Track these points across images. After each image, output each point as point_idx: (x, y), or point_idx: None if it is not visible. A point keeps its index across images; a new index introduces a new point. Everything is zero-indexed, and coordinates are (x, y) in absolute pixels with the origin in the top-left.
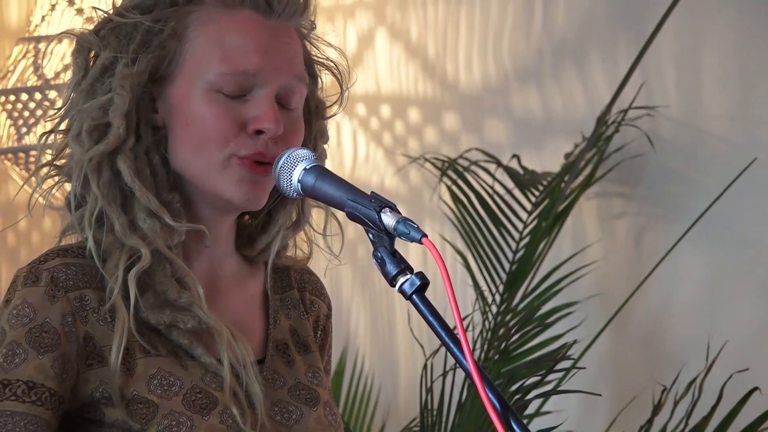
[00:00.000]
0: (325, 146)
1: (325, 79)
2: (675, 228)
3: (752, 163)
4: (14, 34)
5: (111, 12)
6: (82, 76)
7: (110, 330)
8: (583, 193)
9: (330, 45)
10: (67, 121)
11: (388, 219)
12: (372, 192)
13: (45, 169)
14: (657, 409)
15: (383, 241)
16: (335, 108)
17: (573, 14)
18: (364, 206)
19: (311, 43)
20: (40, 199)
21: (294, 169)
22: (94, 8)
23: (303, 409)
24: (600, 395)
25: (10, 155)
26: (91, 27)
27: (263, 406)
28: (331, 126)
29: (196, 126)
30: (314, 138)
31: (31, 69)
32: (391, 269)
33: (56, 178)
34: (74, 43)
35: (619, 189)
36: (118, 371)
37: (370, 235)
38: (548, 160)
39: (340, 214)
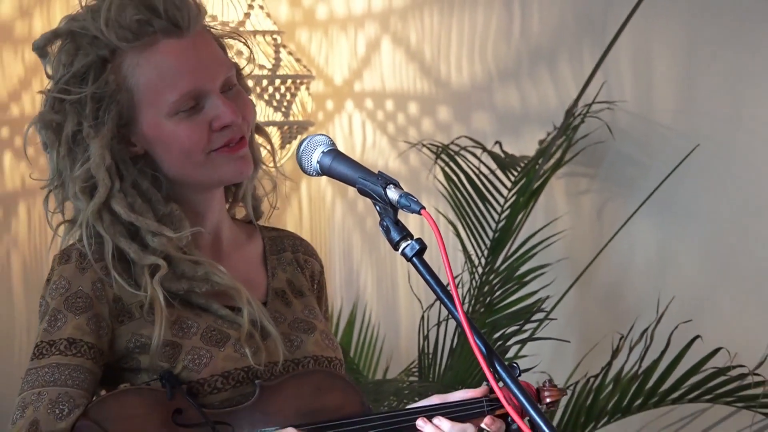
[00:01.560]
0: (251, 97)
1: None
2: (630, 203)
3: (695, 149)
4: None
5: (56, 91)
6: (58, 146)
7: (135, 289)
8: (554, 173)
9: (224, 24)
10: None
11: (392, 193)
12: (379, 171)
13: (62, 227)
14: (615, 353)
15: (388, 212)
16: (248, 66)
17: (545, 24)
18: (372, 183)
19: (211, 29)
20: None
21: (314, 152)
22: (40, 92)
23: (302, 336)
24: (568, 342)
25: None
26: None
27: (279, 339)
28: (343, 117)
29: (175, 144)
30: (246, 91)
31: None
32: (395, 236)
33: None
34: (39, 122)
35: (584, 170)
36: (156, 345)
37: (377, 207)
38: (525, 146)
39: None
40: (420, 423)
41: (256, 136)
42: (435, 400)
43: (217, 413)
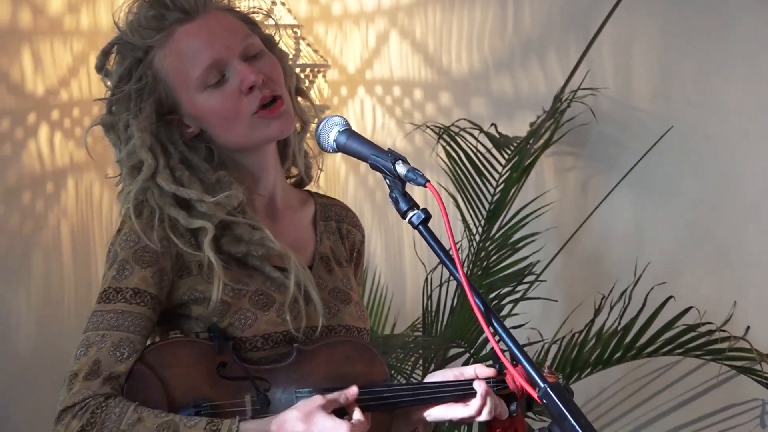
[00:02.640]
0: (288, 64)
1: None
2: (611, 178)
3: (669, 130)
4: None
5: (109, 93)
6: (119, 144)
7: (194, 251)
8: (543, 152)
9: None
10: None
11: (400, 168)
12: (388, 148)
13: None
14: (597, 312)
15: (397, 185)
16: (277, 37)
17: (535, 19)
18: (383, 159)
19: (233, 9)
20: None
21: (331, 131)
22: (96, 100)
23: (339, 306)
24: (556, 301)
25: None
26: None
27: (320, 307)
28: (356, 102)
29: (214, 116)
30: (282, 57)
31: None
32: (403, 206)
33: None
34: (101, 125)
35: (569, 149)
36: (215, 303)
37: (387, 181)
38: (517, 128)
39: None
40: (478, 383)
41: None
42: (449, 375)
43: (257, 370)
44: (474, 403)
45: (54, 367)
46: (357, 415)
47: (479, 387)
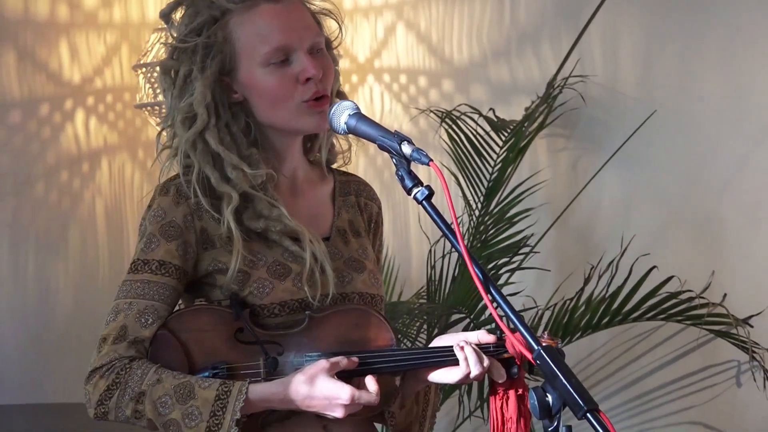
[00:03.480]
0: (337, 68)
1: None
2: (599, 158)
3: (652, 114)
4: (152, 25)
5: (176, 42)
6: (172, 87)
7: (217, 224)
8: (537, 134)
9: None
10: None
11: (406, 148)
12: (395, 130)
13: (165, 151)
14: (587, 281)
15: (403, 164)
16: (338, 41)
17: (530, 12)
18: (389, 140)
19: (310, 5)
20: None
21: (342, 114)
22: (162, 43)
23: (353, 274)
24: (549, 270)
25: (148, 108)
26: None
27: (333, 278)
28: (365, 89)
29: (267, 93)
30: (335, 62)
31: (162, 49)
32: (409, 183)
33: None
34: (160, 69)
35: (561, 131)
36: (233, 273)
37: (394, 160)
38: (514, 112)
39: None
40: (456, 349)
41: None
42: (453, 340)
43: (272, 335)
44: (461, 367)
45: (89, 330)
46: (372, 386)
47: (459, 353)
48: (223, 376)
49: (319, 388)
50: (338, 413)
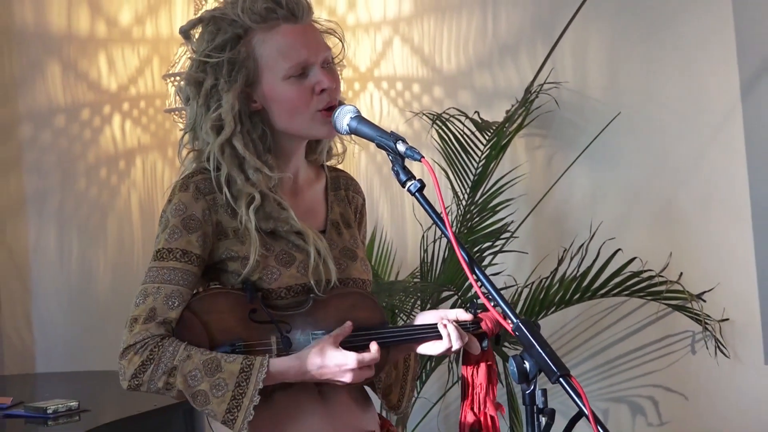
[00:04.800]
0: (342, 81)
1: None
2: (571, 154)
3: (617, 115)
4: (179, 39)
5: (202, 56)
6: (197, 98)
7: (230, 218)
8: (516, 133)
9: (329, 21)
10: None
11: (401, 146)
12: (391, 131)
13: (191, 154)
14: (560, 262)
15: (398, 160)
16: (341, 56)
17: (510, 27)
18: (386, 139)
19: (318, 23)
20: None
21: (344, 117)
22: (189, 58)
23: (348, 262)
24: (527, 253)
25: (176, 112)
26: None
27: (333, 267)
28: (366, 95)
29: (286, 103)
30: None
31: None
32: (403, 177)
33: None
34: (185, 80)
35: (538, 131)
36: (252, 264)
37: (390, 157)
38: (496, 114)
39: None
40: (440, 326)
41: None
42: (435, 317)
43: (281, 315)
44: (444, 342)
45: (125, 306)
46: (373, 347)
47: (443, 330)
48: (240, 352)
49: (329, 358)
50: (347, 378)
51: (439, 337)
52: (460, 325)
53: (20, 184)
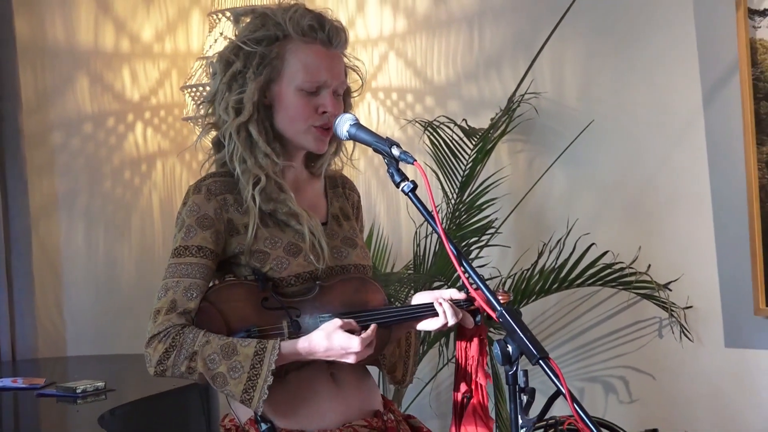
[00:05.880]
0: (352, 111)
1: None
2: (549, 158)
3: (591, 123)
4: (195, 55)
5: (239, 42)
6: (223, 75)
7: (241, 215)
8: (500, 139)
9: (356, 59)
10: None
11: (395, 151)
12: (386, 137)
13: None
14: (540, 255)
15: (393, 163)
16: (358, 92)
17: (494, 42)
18: (382, 144)
19: (347, 58)
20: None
21: (344, 124)
22: (226, 37)
23: (349, 250)
24: (509, 247)
25: (193, 121)
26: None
27: (328, 252)
28: (365, 104)
29: (290, 109)
30: (348, 106)
31: (204, 74)
32: (397, 178)
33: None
34: (218, 56)
35: (519, 137)
36: (251, 237)
37: (386, 160)
38: (482, 122)
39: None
40: (436, 304)
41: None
42: (430, 297)
43: (291, 301)
44: (440, 318)
45: (147, 296)
46: (370, 328)
47: (439, 308)
48: (255, 337)
49: (335, 340)
50: (351, 359)
51: (436, 314)
52: (455, 303)
53: (52, 186)
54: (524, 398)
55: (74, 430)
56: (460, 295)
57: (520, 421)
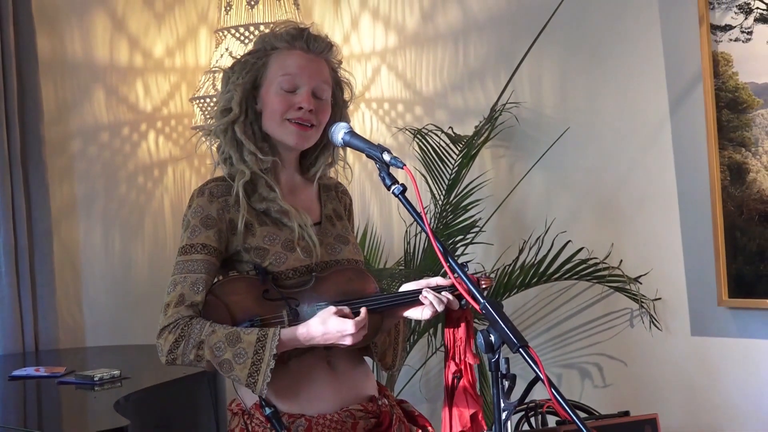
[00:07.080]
0: (350, 121)
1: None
2: (528, 163)
3: (567, 130)
4: (203, 69)
5: (239, 57)
6: (224, 88)
7: (238, 212)
8: (484, 145)
9: (348, 73)
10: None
11: (386, 156)
12: (378, 143)
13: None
14: (521, 251)
15: (384, 168)
16: (350, 103)
17: (477, 56)
18: (374, 150)
19: (337, 71)
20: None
21: (339, 132)
22: (232, 53)
23: (341, 246)
24: (492, 245)
25: (201, 130)
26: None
27: (319, 246)
28: (359, 114)
29: (269, 106)
30: (343, 116)
31: (211, 87)
32: (388, 182)
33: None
34: (223, 72)
35: (501, 143)
36: (243, 232)
37: (378, 165)
38: (467, 129)
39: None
40: (422, 297)
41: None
42: (415, 285)
43: (290, 292)
44: (428, 307)
45: (160, 294)
46: (362, 311)
47: (425, 300)
48: (258, 326)
49: (331, 325)
50: (348, 341)
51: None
52: (442, 288)
53: (72, 190)
54: (506, 383)
55: (92, 415)
56: (446, 282)
57: (503, 405)
